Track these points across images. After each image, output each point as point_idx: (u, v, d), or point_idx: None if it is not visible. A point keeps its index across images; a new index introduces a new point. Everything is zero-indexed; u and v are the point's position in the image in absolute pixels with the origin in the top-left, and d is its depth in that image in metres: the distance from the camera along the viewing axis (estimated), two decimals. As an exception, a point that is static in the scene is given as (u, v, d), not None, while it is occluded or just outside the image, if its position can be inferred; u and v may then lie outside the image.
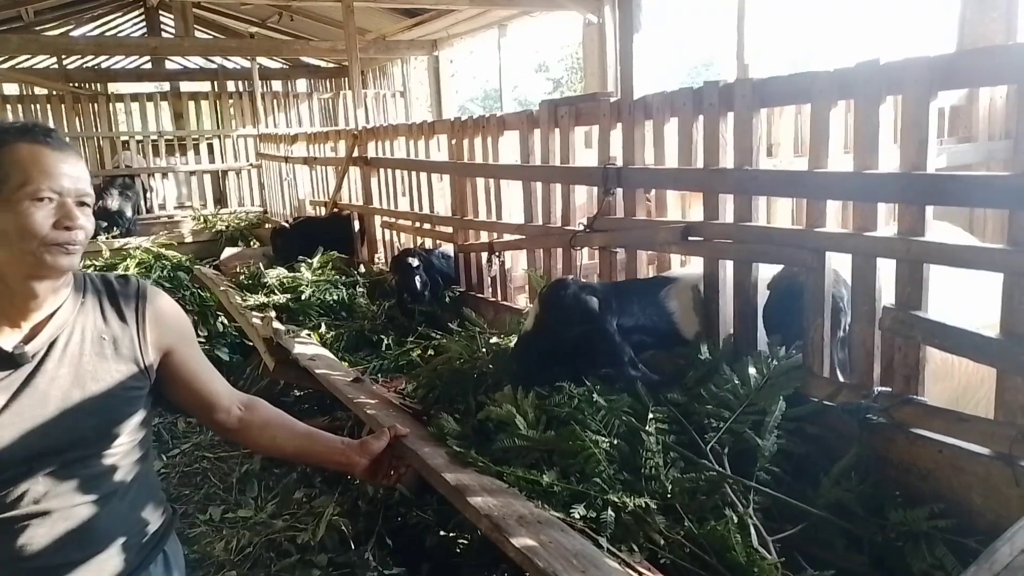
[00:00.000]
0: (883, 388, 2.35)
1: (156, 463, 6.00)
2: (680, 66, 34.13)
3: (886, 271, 2.33)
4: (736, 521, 2.05)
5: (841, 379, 2.54)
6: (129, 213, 10.78)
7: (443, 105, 11.77)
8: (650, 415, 2.49)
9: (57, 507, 1.50)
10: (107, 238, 9.37)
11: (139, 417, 1.65)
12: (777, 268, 2.83)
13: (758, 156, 2.73)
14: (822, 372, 2.55)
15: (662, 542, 2.09)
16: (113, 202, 10.54)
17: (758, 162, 2.73)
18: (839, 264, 2.50)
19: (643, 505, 2.16)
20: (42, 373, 1.48)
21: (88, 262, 8.12)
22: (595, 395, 2.54)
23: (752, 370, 2.49)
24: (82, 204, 1.50)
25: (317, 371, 3.48)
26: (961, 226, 3.15)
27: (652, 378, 2.74)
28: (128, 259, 8.21)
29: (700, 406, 2.57)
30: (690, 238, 2.97)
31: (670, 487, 2.26)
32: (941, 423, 2.16)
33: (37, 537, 1.49)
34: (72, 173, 1.49)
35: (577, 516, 2.15)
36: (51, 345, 1.51)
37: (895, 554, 2.02)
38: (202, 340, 7.97)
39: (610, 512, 2.16)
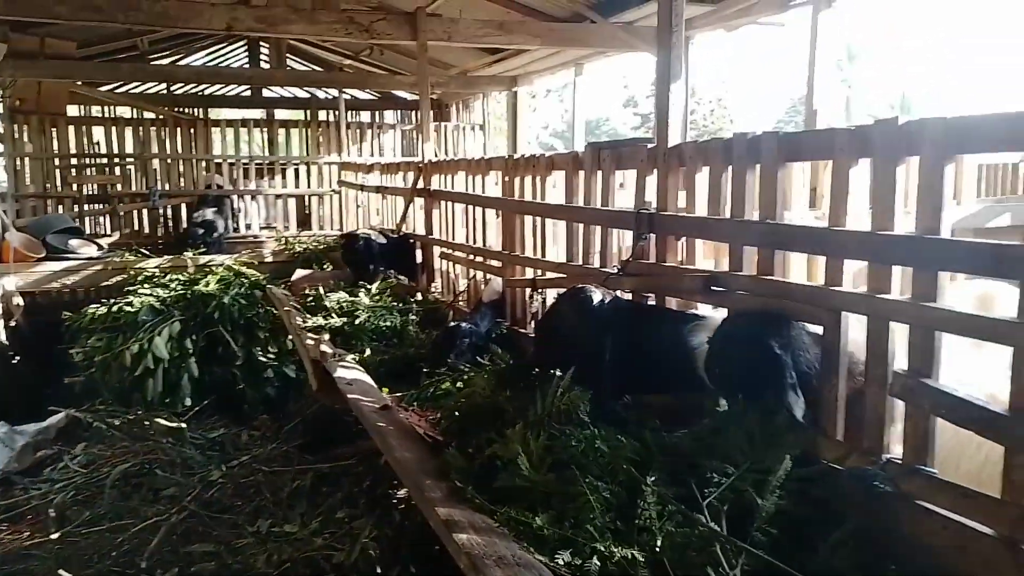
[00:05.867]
0: (892, 456, 2.26)
1: (215, 473, 6.25)
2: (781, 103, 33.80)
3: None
4: (718, 582, 2.01)
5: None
6: (221, 228, 11.32)
7: (518, 139, 12.00)
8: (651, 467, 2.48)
9: None
10: (194, 254, 9.95)
11: None
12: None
13: (782, 210, 2.70)
14: (834, 434, 2.48)
15: (643, 596, 2.07)
16: (209, 215, 11.08)
17: (781, 216, 2.70)
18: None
19: (629, 557, 2.15)
20: None
21: (173, 276, 8.69)
22: (597, 441, 2.55)
23: (757, 427, 2.44)
24: None
25: (350, 395, 3.61)
26: None
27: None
28: (210, 275, 8.70)
29: (707, 459, 2.53)
30: (713, 288, 2.96)
31: (661, 541, 2.24)
32: (948, 498, 2.07)
33: None
34: None
35: (561, 562, 2.16)
36: None
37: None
38: (272, 356, 8.34)
39: (595, 561, 2.16)
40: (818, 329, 2.57)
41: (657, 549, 2.21)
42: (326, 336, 5.35)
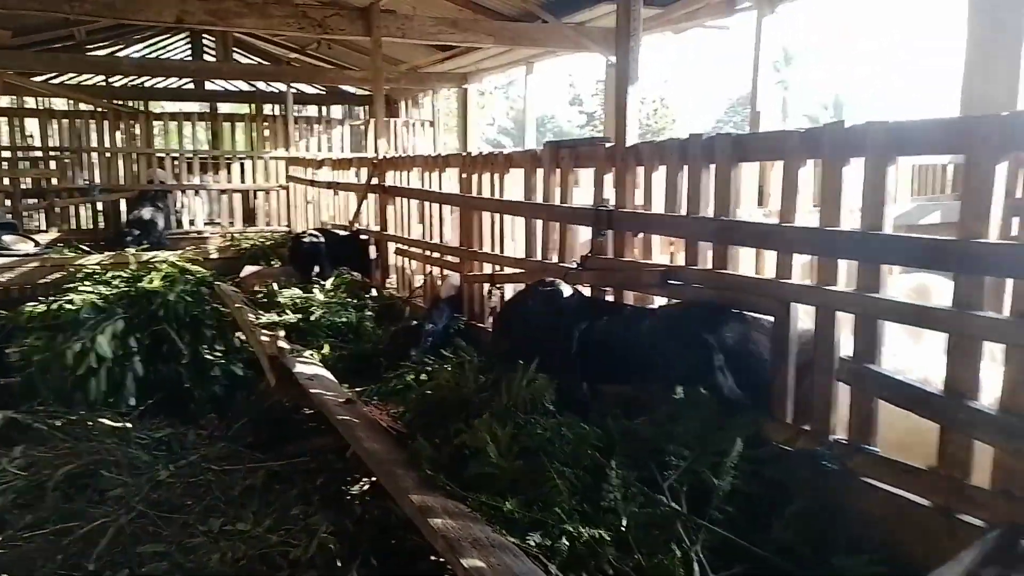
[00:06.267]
0: (838, 437, 2.42)
1: (163, 472, 6.15)
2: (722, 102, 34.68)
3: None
4: (681, 557, 2.14)
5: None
6: (160, 225, 11.09)
7: (469, 135, 12.07)
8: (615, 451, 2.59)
9: None
10: (136, 250, 9.70)
11: None
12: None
13: (735, 207, 2.85)
14: (784, 417, 2.64)
15: (611, 572, 2.18)
16: (146, 214, 10.87)
17: (734, 212, 2.85)
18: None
19: (597, 536, 2.26)
20: None
21: (115, 273, 8.46)
22: (563, 429, 2.65)
23: (707, 411, 2.59)
24: None
25: (312, 390, 3.63)
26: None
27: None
28: (153, 272, 8.49)
29: (666, 444, 2.66)
30: (670, 282, 3.09)
31: (626, 520, 2.35)
32: (889, 473, 2.23)
33: None
34: None
35: (533, 543, 2.25)
36: None
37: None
38: (219, 354, 8.20)
39: (564, 541, 2.26)
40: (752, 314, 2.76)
41: (623, 528, 2.32)
42: (281, 333, 5.32)
